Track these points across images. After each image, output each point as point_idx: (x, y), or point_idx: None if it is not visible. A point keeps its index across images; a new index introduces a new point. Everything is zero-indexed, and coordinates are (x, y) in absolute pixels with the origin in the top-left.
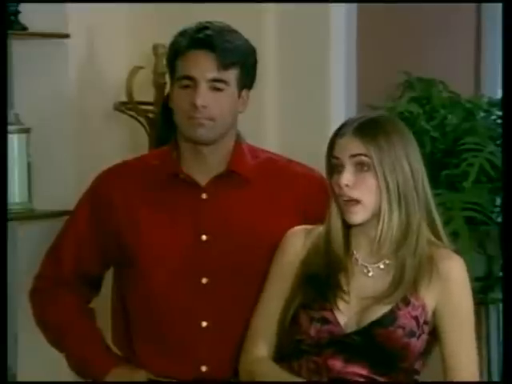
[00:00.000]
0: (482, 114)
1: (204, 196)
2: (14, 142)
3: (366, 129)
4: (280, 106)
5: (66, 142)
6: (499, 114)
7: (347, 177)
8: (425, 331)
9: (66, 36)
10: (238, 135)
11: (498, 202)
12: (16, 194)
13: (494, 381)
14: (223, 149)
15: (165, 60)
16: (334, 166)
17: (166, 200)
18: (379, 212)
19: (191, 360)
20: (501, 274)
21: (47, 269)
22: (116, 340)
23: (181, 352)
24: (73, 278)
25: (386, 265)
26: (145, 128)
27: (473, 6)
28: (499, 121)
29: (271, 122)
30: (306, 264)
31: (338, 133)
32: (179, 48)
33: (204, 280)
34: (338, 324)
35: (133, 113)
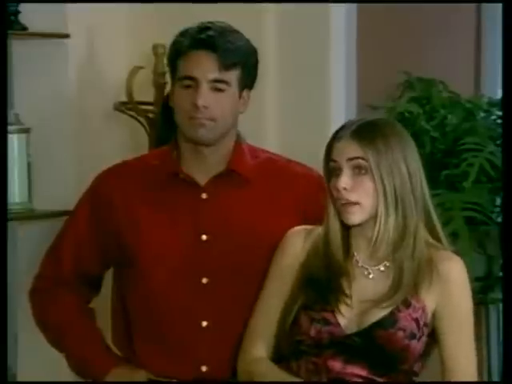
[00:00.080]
0: (482, 114)
1: (204, 196)
2: (14, 142)
3: (364, 132)
4: (280, 106)
5: (66, 142)
6: (499, 114)
7: (345, 180)
8: (424, 333)
9: (66, 36)
10: (238, 135)
11: (498, 202)
12: (16, 194)
13: (494, 381)
14: (223, 149)
15: (165, 60)
16: (332, 169)
17: (166, 200)
18: (376, 214)
19: (191, 360)
20: (501, 274)
21: (47, 269)
22: (116, 340)
23: (181, 352)
24: (73, 278)
25: (386, 267)
26: (145, 128)
27: (473, 6)
28: (499, 121)
29: (271, 122)
30: (307, 266)
31: (336, 136)
32: (181, 48)
33: (204, 280)
34: (339, 325)
35: (133, 113)
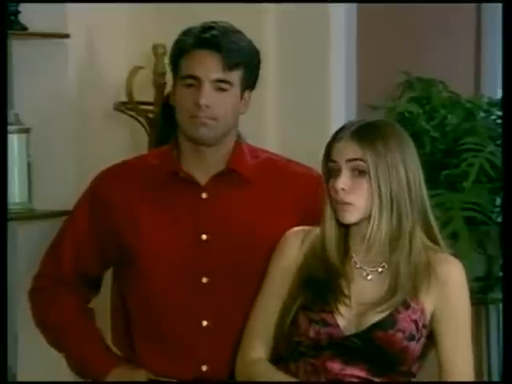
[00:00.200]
0: (482, 114)
1: (204, 195)
2: (14, 142)
3: (364, 133)
4: (280, 106)
5: (66, 142)
6: (499, 114)
7: (344, 181)
8: (423, 335)
9: (66, 36)
10: (238, 135)
11: (498, 202)
12: (16, 194)
13: (494, 381)
14: (224, 148)
15: (166, 60)
16: (331, 169)
17: (166, 199)
18: (371, 214)
19: (192, 359)
20: (501, 274)
21: (46, 268)
22: (116, 340)
23: (181, 351)
24: (72, 278)
25: (384, 269)
26: (145, 128)
27: (473, 6)
28: (499, 121)
29: (271, 122)
30: (305, 267)
31: (336, 136)
32: (184, 46)
33: (204, 279)
34: (338, 326)
35: (133, 113)
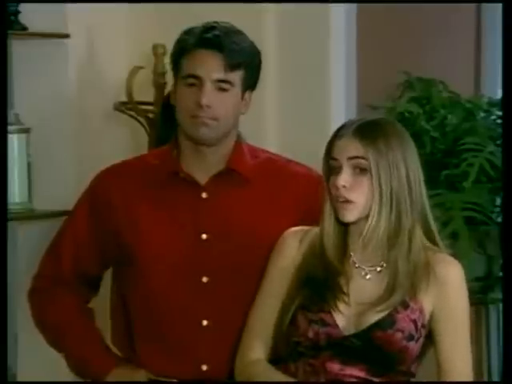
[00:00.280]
0: (482, 114)
1: (204, 195)
2: (14, 142)
3: (366, 131)
4: (280, 106)
5: (66, 142)
6: (499, 114)
7: (345, 178)
8: (422, 334)
9: (66, 36)
10: (238, 135)
11: (498, 202)
12: (16, 194)
13: (494, 381)
14: (224, 149)
15: (166, 59)
16: (332, 167)
17: (166, 199)
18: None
19: (192, 359)
20: (501, 274)
21: (46, 268)
22: (116, 340)
23: (181, 351)
24: (72, 278)
25: (383, 268)
26: (145, 128)
27: (473, 6)
28: (499, 121)
29: (271, 122)
30: (304, 266)
31: (337, 134)
32: (186, 46)
33: (204, 279)
34: (337, 326)
35: (133, 113)
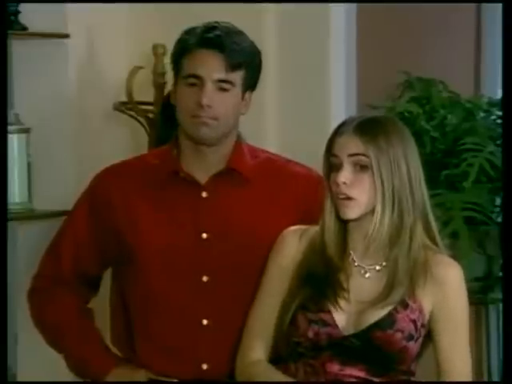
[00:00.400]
0: (482, 114)
1: (204, 194)
2: (14, 142)
3: (367, 128)
4: (280, 106)
5: (66, 142)
6: (499, 114)
7: (345, 175)
8: (422, 334)
9: (66, 36)
10: (238, 135)
11: (498, 202)
12: (16, 194)
13: (494, 381)
14: (224, 148)
15: (166, 59)
16: (333, 164)
17: (166, 198)
18: (373, 210)
19: (192, 358)
20: (501, 274)
21: (46, 268)
22: (115, 340)
23: (181, 350)
24: (71, 278)
25: (382, 267)
26: (145, 128)
27: (473, 6)
28: (499, 121)
29: (271, 122)
30: (303, 264)
31: (338, 131)
32: (187, 46)
33: (205, 278)
34: (337, 327)
35: (133, 113)
